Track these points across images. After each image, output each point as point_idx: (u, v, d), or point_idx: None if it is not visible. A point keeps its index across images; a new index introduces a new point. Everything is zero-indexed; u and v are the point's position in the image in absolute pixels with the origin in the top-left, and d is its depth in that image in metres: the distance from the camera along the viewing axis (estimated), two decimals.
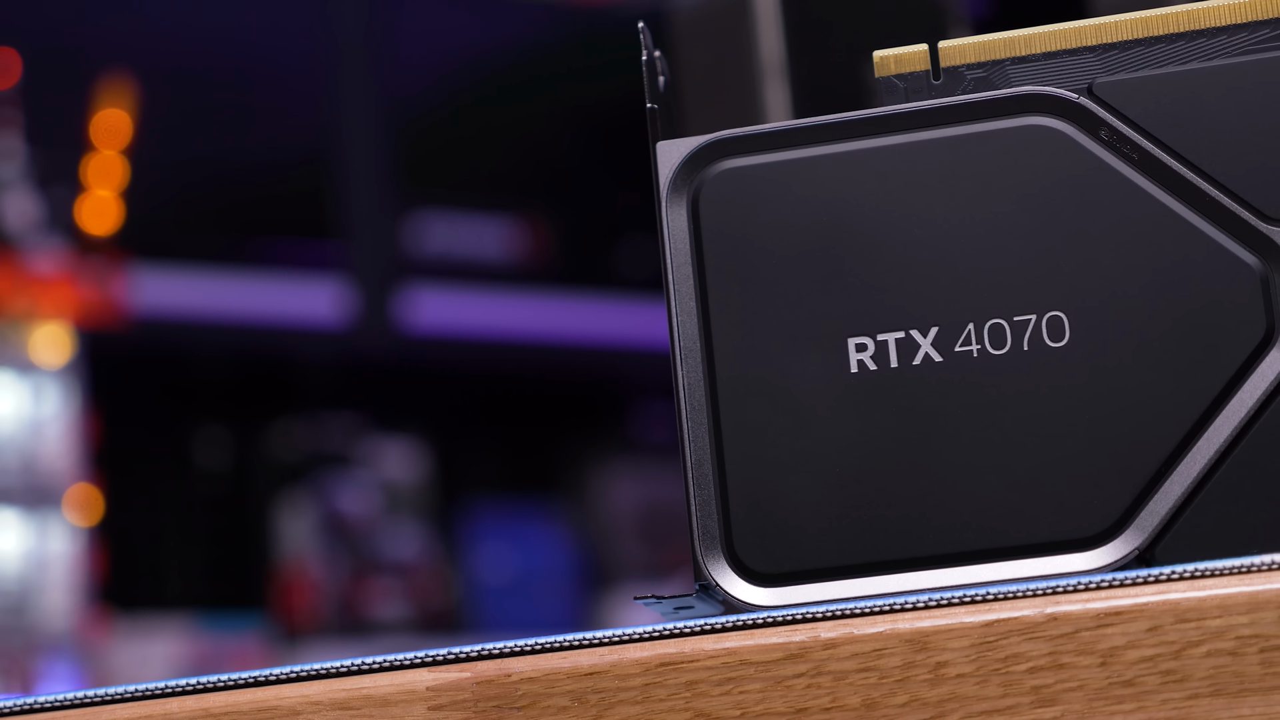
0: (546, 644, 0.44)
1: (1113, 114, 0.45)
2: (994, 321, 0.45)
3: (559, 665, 0.44)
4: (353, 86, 2.93)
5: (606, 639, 0.44)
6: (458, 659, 0.44)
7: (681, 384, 0.46)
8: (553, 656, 0.44)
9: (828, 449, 0.45)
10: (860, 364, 0.45)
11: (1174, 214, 0.45)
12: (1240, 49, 0.46)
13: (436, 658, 0.44)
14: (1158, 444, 0.44)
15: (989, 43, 0.47)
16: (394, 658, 0.44)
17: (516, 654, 0.44)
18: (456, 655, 0.44)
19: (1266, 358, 0.44)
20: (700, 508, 0.46)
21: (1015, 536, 0.45)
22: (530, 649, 0.44)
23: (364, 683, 0.44)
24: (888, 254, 0.46)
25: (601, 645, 0.44)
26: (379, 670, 0.44)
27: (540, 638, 0.44)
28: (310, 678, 0.44)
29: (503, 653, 0.44)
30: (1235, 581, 0.42)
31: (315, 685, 0.44)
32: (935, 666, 0.43)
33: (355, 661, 0.44)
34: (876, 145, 0.46)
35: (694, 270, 0.46)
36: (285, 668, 0.44)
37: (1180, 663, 0.42)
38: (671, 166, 0.47)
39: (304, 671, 0.44)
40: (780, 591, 0.46)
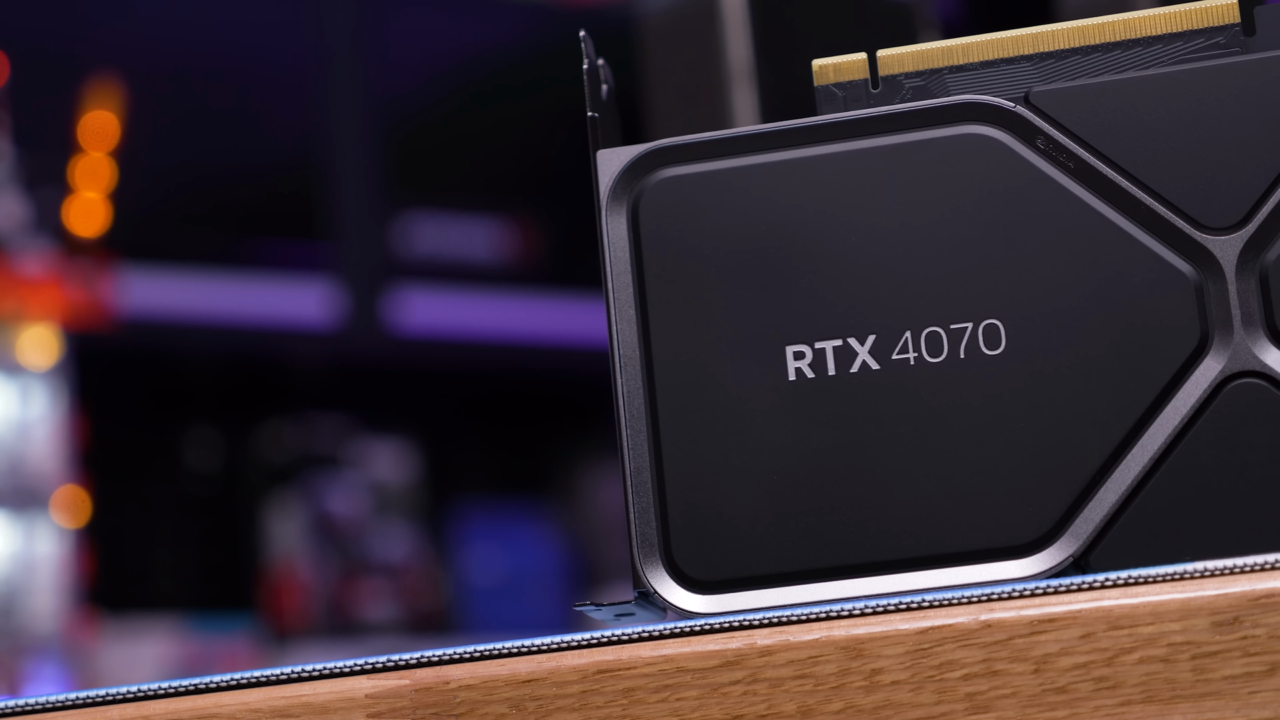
0: (484, 651, 0.44)
1: (1049, 122, 0.45)
2: (931, 329, 0.45)
3: (497, 673, 0.44)
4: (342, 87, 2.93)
5: (544, 646, 0.44)
6: (396, 666, 0.45)
7: (620, 392, 0.46)
8: (491, 664, 0.44)
9: (766, 457, 0.45)
10: (798, 372, 0.46)
11: (1109, 222, 0.45)
12: (1176, 58, 0.46)
13: (375, 665, 0.44)
14: (1092, 451, 0.44)
15: (927, 51, 0.47)
16: (333, 665, 0.44)
17: (455, 661, 0.44)
18: (395, 663, 0.44)
19: (1200, 366, 0.45)
20: (639, 515, 0.46)
21: (951, 544, 0.45)
22: (468, 656, 0.44)
23: (303, 690, 0.44)
24: (826, 262, 0.46)
25: (539, 653, 0.44)
26: (318, 678, 0.45)
27: (478, 645, 0.44)
28: (250, 685, 0.45)
29: (441, 660, 0.44)
30: (1168, 588, 0.42)
31: (255, 693, 0.45)
32: (870, 673, 0.43)
33: (294, 669, 0.44)
34: (814, 154, 0.46)
35: (633, 278, 0.46)
36: (224, 675, 0.44)
37: (1113, 669, 0.42)
38: (611, 175, 0.47)
39: (244, 679, 0.44)
40: (718, 599, 0.46)
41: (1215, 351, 0.44)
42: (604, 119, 0.48)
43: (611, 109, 0.49)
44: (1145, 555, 0.44)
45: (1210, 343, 0.44)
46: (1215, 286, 0.44)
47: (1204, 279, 0.45)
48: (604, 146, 0.48)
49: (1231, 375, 0.44)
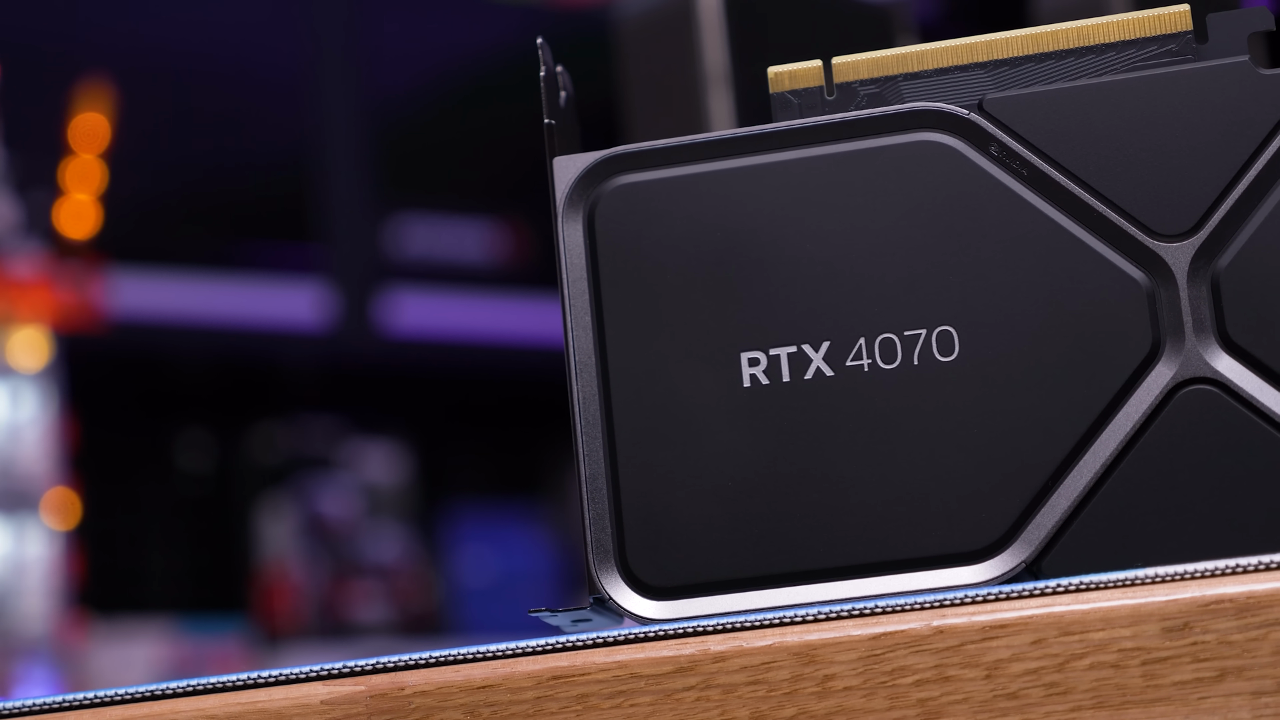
0: (439, 657, 0.44)
1: (1003, 130, 0.46)
2: (885, 336, 0.45)
3: (452, 679, 0.44)
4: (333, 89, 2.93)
5: (499, 652, 0.44)
6: (352, 672, 0.45)
7: (576, 398, 0.46)
8: (446, 670, 0.44)
9: (720, 463, 0.46)
10: (753, 378, 0.46)
11: (1062, 230, 0.45)
12: (1130, 65, 0.46)
13: (331, 671, 0.45)
14: (1045, 458, 0.45)
15: (882, 59, 0.47)
16: (289, 671, 0.44)
17: (410, 667, 0.45)
18: (351, 669, 0.45)
19: (1152, 372, 0.45)
20: (594, 521, 0.46)
21: (904, 549, 0.45)
22: (423, 662, 0.44)
23: (259, 696, 0.45)
24: (781, 269, 0.46)
25: (494, 659, 0.44)
26: (274, 684, 0.45)
27: (433, 651, 0.44)
28: (206, 691, 0.45)
29: (396, 666, 0.45)
30: (1118, 594, 0.42)
31: (211, 699, 0.45)
32: (823, 679, 0.43)
33: (250, 675, 0.44)
34: (770, 161, 0.46)
35: (589, 285, 0.46)
36: (180, 681, 0.45)
37: (1064, 675, 0.42)
38: (567, 182, 0.47)
39: (200, 685, 0.45)
40: (673, 605, 0.46)
41: (1167, 358, 0.45)
42: (561, 126, 0.48)
43: (570, 116, 0.50)
44: (1097, 561, 0.44)
45: (1162, 350, 0.45)
46: (1167, 293, 0.45)
47: (1156, 286, 0.45)
48: (562, 153, 0.48)
49: (1183, 382, 0.45)
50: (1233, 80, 0.45)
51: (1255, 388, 0.44)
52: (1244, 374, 0.44)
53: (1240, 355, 0.44)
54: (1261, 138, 0.44)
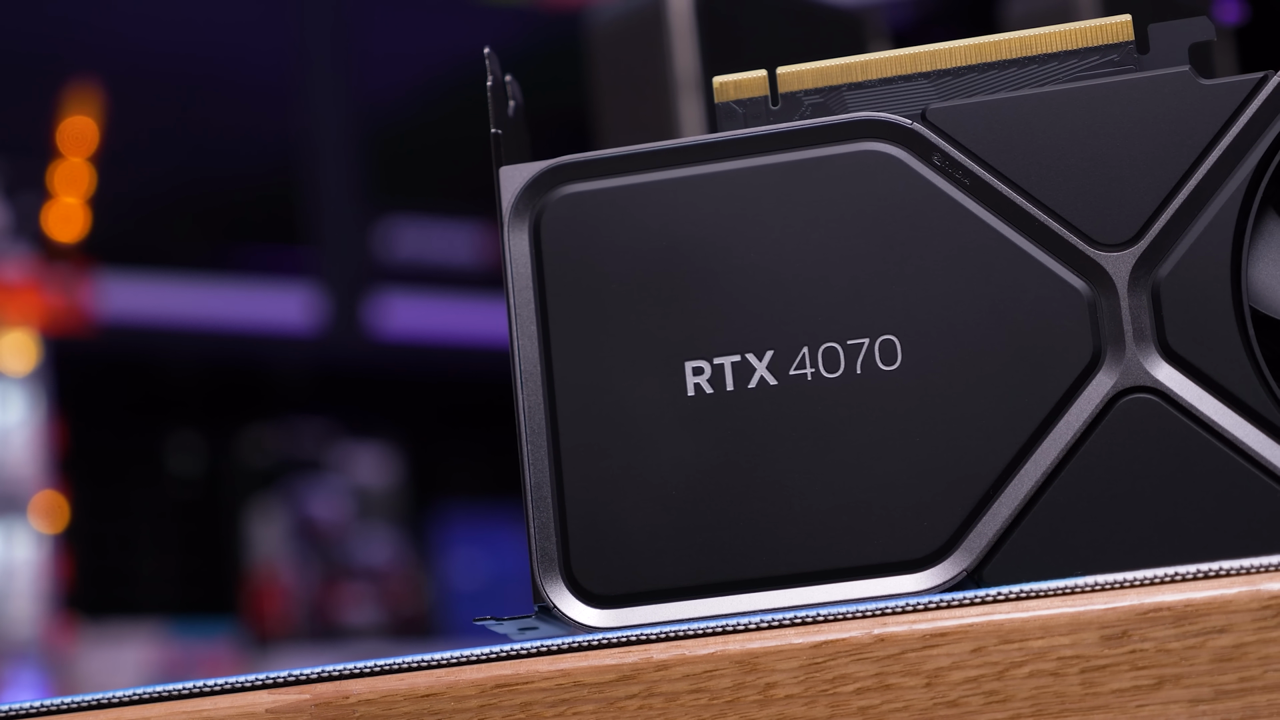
0: (384, 666, 0.45)
1: (945, 139, 0.46)
2: (828, 345, 0.46)
3: (396, 687, 0.44)
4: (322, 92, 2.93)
5: (443, 661, 0.44)
6: (297, 681, 0.45)
7: (522, 407, 0.47)
8: (390, 678, 0.45)
9: (664, 472, 0.46)
10: (697, 387, 0.46)
11: (1004, 239, 0.45)
12: (1072, 75, 0.46)
13: (276, 680, 0.45)
14: (986, 466, 0.45)
15: (827, 69, 0.47)
16: (234, 680, 0.45)
17: (355, 676, 0.45)
18: (296, 677, 0.45)
19: (1093, 381, 0.45)
20: (539, 530, 0.46)
21: (847, 558, 0.45)
22: (368, 671, 0.45)
23: (204, 705, 0.45)
24: (725, 278, 0.46)
25: (439, 667, 0.45)
26: (219, 692, 0.45)
27: (378, 660, 0.45)
28: (152, 699, 0.45)
29: (341, 675, 0.45)
30: (1058, 602, 0.42)
31: (156, 707, 0.45)
32: (765, 687, 0.43)
33: (196, 684, 0.45)
34: (714, 171, 0.46)
35: (535, 294, 0.47)
36: (126, 690, 0.45)
37: (1003, 683, 0.42)
38: (513, 192, 0.47)
39: (144, 694, 0.45)
40: (617, 613, 0.46)
41: (1108, 367, 0.45)
42: (509, 135, 0.48)
43: (519, 125, 0.50)
44: (1038, 569, 0.44)
45: (1103, 359, 0.45)
46: (1108, 302, 0.45)
47: (1097, 295, 0.45)
48: (511, 162, 0.48)
49: (1123, 391, 0.45)
50: (1173, 90, 0.45)
51: (1195, 396, 0.44)
52: (1184, 383, 0.45)
53: (1180, 364, 0.45)
54: (1202, 148, 0.45)
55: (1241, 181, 0.44)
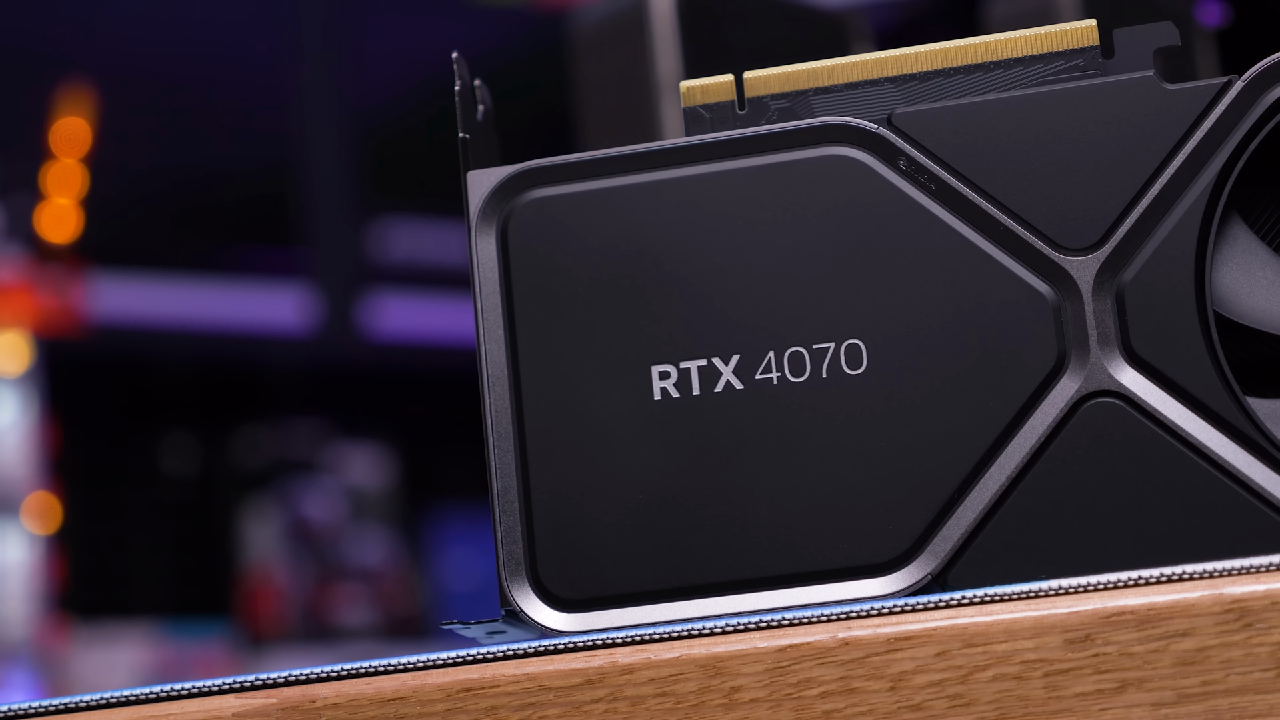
0: (351, 670, 0.45)
1: (911, 144, 0.46)
2: (794, 349, 0.46)
3: (363, 691, 0.45)
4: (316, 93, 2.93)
5: (409, 665, 0.45)
6: (264, 685, 0.45)
7: (489, 411, 0.47)
8: (357, 682, 0.45)
9: (631, 476, 0.46)
10: (663, 391, 0.46)
11: (969, 243, 0.45)
12: (1037, 80, 0.47)
13: (244, 684, 0.45)
14: (951, 470, 0.45)
15: (793, 73, 0.47)
16: (201, 684, 0.45)
17: (321, 680, 0.45)
18: (263, 682, 0.45)
19: (1057, 385, 0.45)
20: (505, 534, 0.46)
21: (812, 562, 0.45)
22: (334, 675, 0.45)
23: (170, 709, 0.45)
24: (692, 282, 0.46)
25: (404, 671, 0.45)
26: (185, 696, 0.45)
27: (345, 664, 0.45)
28: (117, 704, 0.45)
29: (308, 679, 0.45)
30: (1021, 606, 0.42)
31: (122, 712, 0.45)
32: (729, 691, 0.43)
33: (162, 688, 0.45)
34: (681, 175, 0.46)
35: (503, 299, 0.47)
36: (91, 695, 0.45)
37: (967, 687, 0.42)
38: (481, 196, 0.47)
39: (111, 698, 0.45)
40: (583, 617, 0.46)
41: (1072, 371, 0.45)
42: (477, 140, 0.48)
43: (487, 130, 0.50)
44: (1002, 573, 0.44)
45: (1067, 363, 0.45)
46: (1072, 307, 0.45)
47: (1061, 299, 0.45)
48: (480, 167, 0.48)
49: (1088, 395, 0.45)
50: (1138, 95, 0.45)
51: (1158, 400, 0.44)
52: (1147, 387, 0.45)
53: (1144, 368, 0.45)
54: (1166, 152, 0.45)
55: (1206, 186, 0.44)
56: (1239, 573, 0.42)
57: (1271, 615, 0.41)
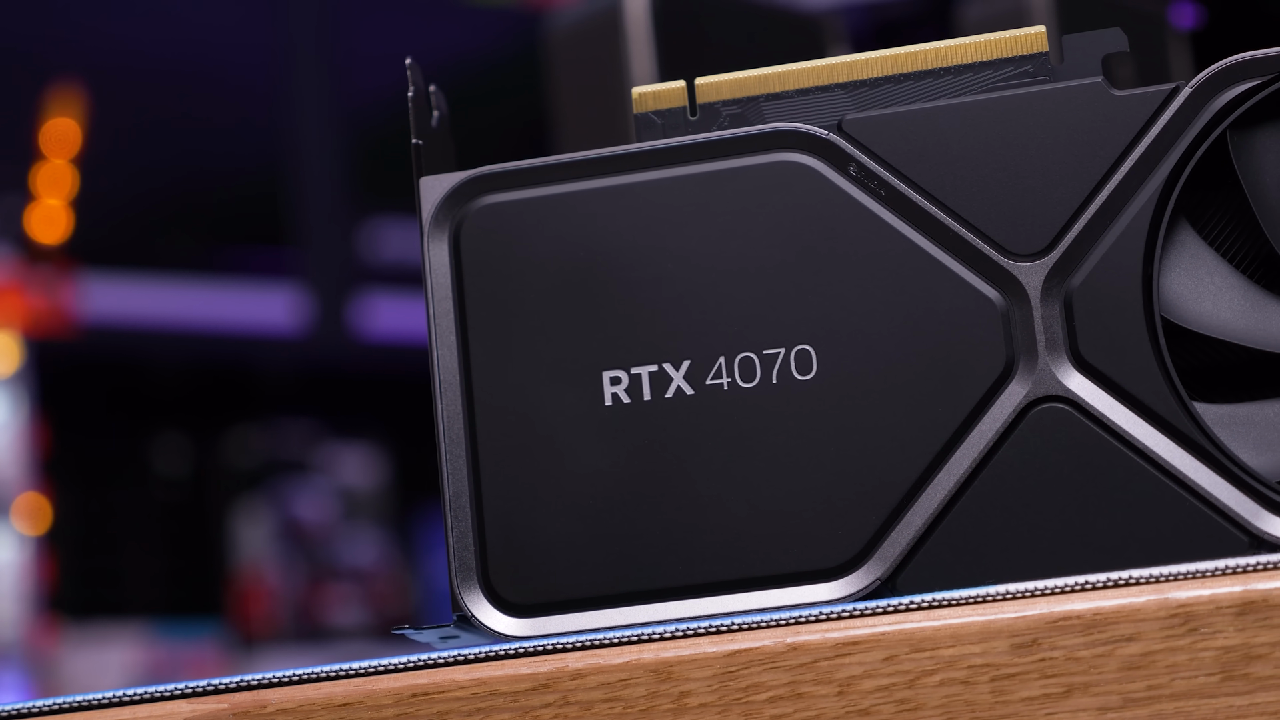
0: (302, 675, 0.45)
1: (861, 150, 0.46)
2: (744, 355, 0.46)
3: (314, 696, 0.45)
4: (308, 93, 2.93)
5: (360, 670, 0.45)
6: (216, 690, 0.45)
7: (441, 417, 0.47)
8: (308, 688, 0.45)
9: (581, 481, 0.46)
10: (614, 397, 0.46)
11: (918, 249, 0.45)
12: (986, 86, 0.47)
13: (194, 689, 0.45)
14: (900, 475, 0.45)
15: (744, 79, 0.47)
16: (153, 689, 0.45)
17: (272, 685, 0.45)
18: (214, 687, 0.45)
19: (1006, 391, 0.45)
20: (457, 539, 0.46)
21: (762, 567, 0.45)
22: (286, 680, 0.45)
23: (122, 714, 0.45)
24: (643, 288, 0.46)
25: (355, 676, 0.45)
26: (137, 701, 0.45)
27: (296, 669, 0.45)
28: (69, 710, 0.45)
29: (260, 684, 0.45)
30: (969, 611, 0.42)
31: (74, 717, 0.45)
32: (678, 696, 0.43)
33: (114, 693, 0.45)
34: (633, 181, 0.47)
35: (455, 304, 0.47)
36: (45, 700, 0.45)
37: (914, 692, 0.42)
38: (433, 202, 0.47)
39: (64, 704, 0.45)
40: (534, 622, 0.46)
41: (1020, 377, 0.45)
42: (431, 146, 0.49)
43: (443, 135, 0.50)
44: (951, 578, 0.45)
45: (1015, 368, 0.45)
46: (1021, 312, 0.45)
47: (1010, 305, 0.45)
48: (435, 172, 0.48)
49: (1035, 400, 0.45)
50: (1086, 101, 0.45)
51: (1106, 406, 0.45)
52: (1095, 392, 0.45)
53: (1091, 374, 0.45)
54: (1114, 158, 0.45)
55: (1153, 192, 0.45)
56: (1184, 577, 0.42)
57: (1216, 620, 0.41)
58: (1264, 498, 0.44)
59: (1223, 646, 0.41)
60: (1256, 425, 0.45)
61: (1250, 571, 0.42)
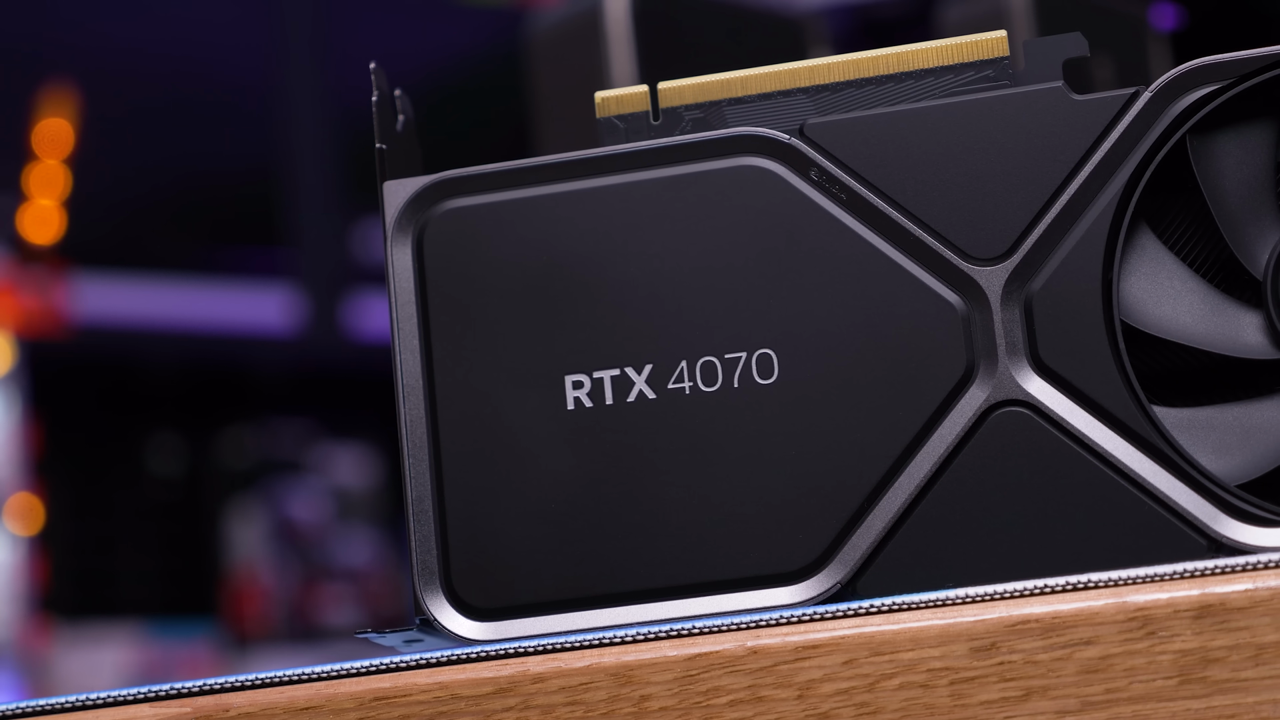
0: (264, 679, 0.45)
1: (823, 154, 0.46)
2: (706, 359, 0.46)
3: (275, 700, 0.45)
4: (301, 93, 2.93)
5: (322, 674, 0.45)
6: (179, 694, 0.45)
7: (404, 421, 0.47)
8: (270, 691, 0.45)
9: (544, 485, 0.46)
10: (576, 401, 0.46)
11: (879, 253, 0.45)
12: (948, 90, 0.47)
13: (157, 693, 0.45)
14: (861, 479, 0.45)
15: (706, 84, 0.48)
16: (116, 693, 0.45)
17: (235, 689, 0.45)
18: (178, 690, 0.45)
19: (966, 395, 0.45)
20: (420, 543, 0.46)
21: (724, 570, 0.45)
22: (248, 684, 0.45)
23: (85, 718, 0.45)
24: (605, 293, 0.46)
25: (317, 680, 0.45)
26: (100, 706, 0.45)
27: (258, 673, 0.45)
28: (32, 714, 0.45)
29: (222, 688, 0.45)
30: (928, 615, 0.43)
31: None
32: (639, 700, 0.43)
33: (77, 697, 0.45)
34: (595, 185, 0.47)
35: (418, 309, 0.47)
36: (6, 704, 0.45)
37: (874, 695, 0.43)
38: (397, 206, 0.47)
39: (25, 708, 0.45)
40: (496, 625, 0.46)
41: (980, 381, 0.45)
42: (395, 150, 0.49)
43: (408, 140, 0.50)
44: (911, 581, 0.45)
45: (976, 372, 0.45)
46: (981, 316, 0.45)
47: (971, 309, 0.45)
48: (400, 176, 0.48)
49: (996, 404, 0.45)
50: (1046, 105, 0.45)
51: (1065, 410, 0.45)
52: (1055, 396, 0.45)
53: (1051, 377, 0.45)
54: (1074, 162, 0.45)
55: (1113, 196, 0.45)
56: (1142, 581, 0.42)
57: (1174, 623, 0.41)
58: (1222, 501, 0.44)
59: (1180, 650, 0.41)
60: (1215, 429, 0.45)
61: (1207, 575, 0.42)
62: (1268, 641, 0.41)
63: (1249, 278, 0.45)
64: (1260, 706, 0.41)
